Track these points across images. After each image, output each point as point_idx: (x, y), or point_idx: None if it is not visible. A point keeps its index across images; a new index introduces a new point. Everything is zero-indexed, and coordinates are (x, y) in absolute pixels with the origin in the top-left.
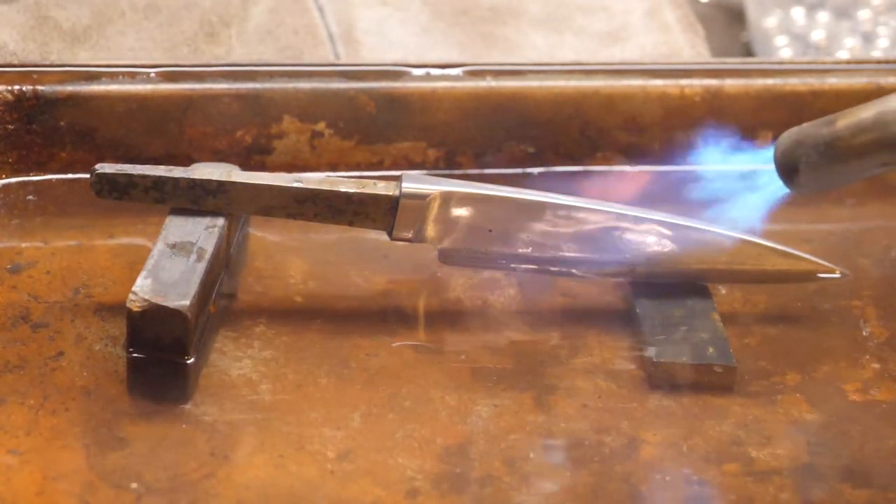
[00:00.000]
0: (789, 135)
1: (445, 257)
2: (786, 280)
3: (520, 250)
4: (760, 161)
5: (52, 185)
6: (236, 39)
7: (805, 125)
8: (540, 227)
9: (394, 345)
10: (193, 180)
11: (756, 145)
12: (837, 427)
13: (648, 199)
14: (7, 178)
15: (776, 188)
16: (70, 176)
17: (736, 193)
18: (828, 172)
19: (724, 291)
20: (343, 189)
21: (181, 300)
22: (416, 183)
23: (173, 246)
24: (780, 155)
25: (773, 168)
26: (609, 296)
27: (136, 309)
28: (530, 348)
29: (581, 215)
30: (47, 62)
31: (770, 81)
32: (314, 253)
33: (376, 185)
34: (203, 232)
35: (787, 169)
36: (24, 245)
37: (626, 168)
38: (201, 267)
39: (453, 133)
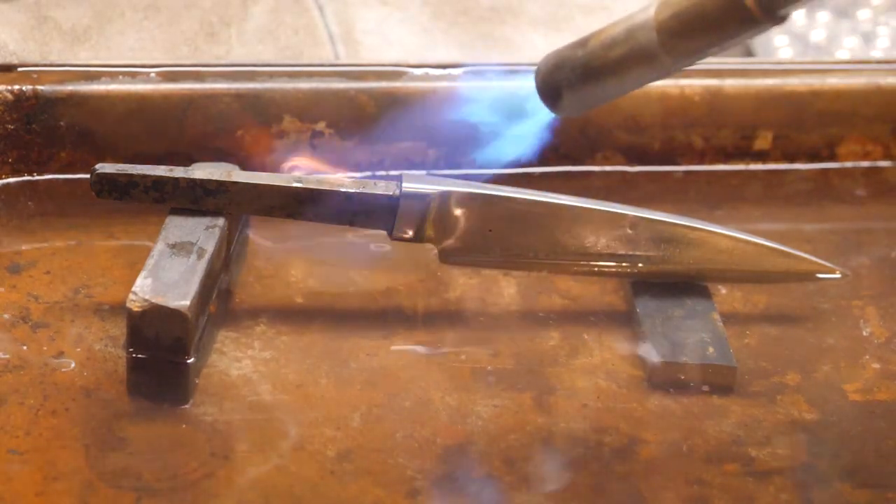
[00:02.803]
0: (547, 60)
1: (445, 257)
2: (786, 280)
3: (520, 250)
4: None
5: (52, 185)
6: (236, 39)
7: (561, 48)
8: (540, 226)
9: (394, 345)
10: (193, 180)
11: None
12: (837, 427)
13: (648, 199)
14: (7, 178)
15: (543, 115)
16: (70, 176)
17: (504, 125)
18: (589, 92)
19: (724, 291)
20: (343, 189)
21: (181, 300)
22: (416, 183)
23: (173, 246)
24: (542, 81)
25: (536, 95)
26: (609, 296)
27: (136, 309)
28: (530, 348)
29: (581, 215)
30: (47, 62)
31: (770, 81)
32: (314, 253)
33: (376, 185)
34: (203, 232)
35: (550, 93)
36: (24, 245)
37: (626, 168)
38: (201, 267)
39: (453, 133)
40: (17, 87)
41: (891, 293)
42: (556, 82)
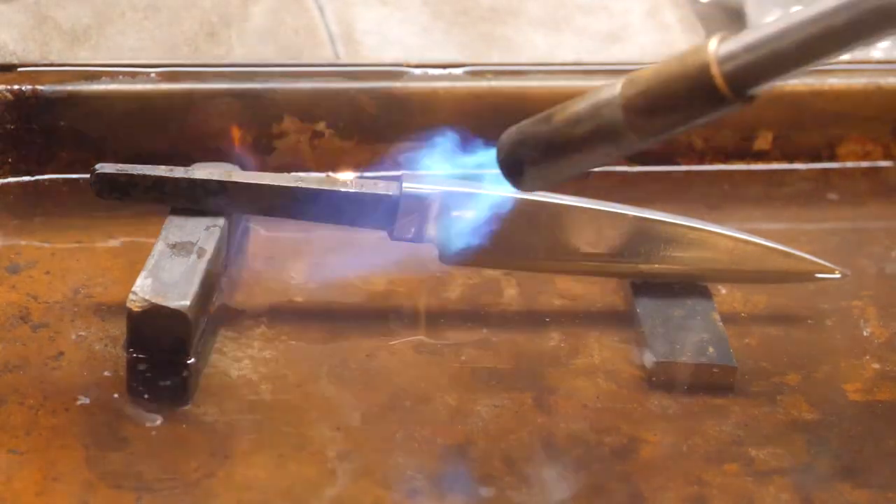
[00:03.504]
0: (509, 135)
1: (445, 257)
2: (786, 280)
3: (520, 250)
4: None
5: (52, 185)
6: (236, 39)
7: (523, 123)
8: (540, 226)
9: (394, 345)
10: (193, 180)
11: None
12: (837, 427)
13: (648, 199)
14: (7, 178)
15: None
16: (70, 176)
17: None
18: (551, 167)
19: (724, 291)
20: (343, 189)
21: (181, 300)
22: (416, 183)
23: (173, 246)
24: (504, 157)
25: (498, 170)
26: (609, 296)
27: (136, 309)
28: (530, 348)
29: (581, 215)
30: (47, 62)
31: None
32: (314, 253)
33: (376, 185)
34: (203, 232)
35: (512, 169)
36: (24, 245)
37: (626, 168)
38: (201, 267)
39: (453, 133)
40: (17, 87)
41: (891, 293)
42: (518, 158)
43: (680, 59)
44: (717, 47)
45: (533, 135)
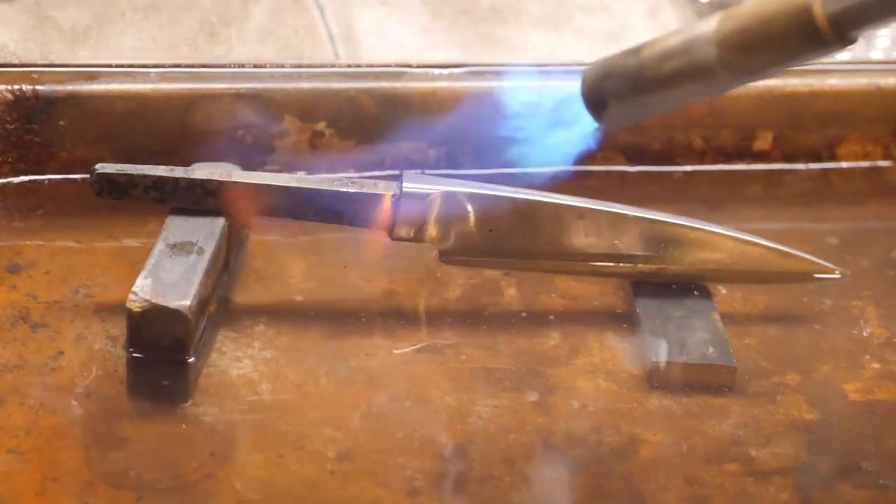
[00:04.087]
0: (594, 68)
1: (445, 257)
2: (786, 280)
3: (520, 250)
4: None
5: (52, 185)
6: (236, 39)
7: (610, 56)
8: (540, 226)
9: (394, 345)
10: (193, 180)
11: None
12: (837, 427)
13: (648, 199)
14: (7, 178)
15: (586, 123)
16: (70, 176)
17: (545, 131)
18: (637, 103)
19: (724, 291)
20: (343, 189)
21: (181, 300)
22: (416, 183)
23: (173, 246)
24: (588, 89)
25: (581, 103)
26: (609, 296)
27: (136, 309)
28: (530, 348)
29: (581, 215)
30: (47, 62)
31: (770, 81)
32: (314, 253)
33: (376, 185)
34: (203, 232)
35: (596, 103)
36: (24, 245)
37: (626, 168)
38: (201, 267)
39: (453, 133)
40: (17, 87)
41: (891, 293)
42: (602, 91)
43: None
44: None
45: (619, 67)
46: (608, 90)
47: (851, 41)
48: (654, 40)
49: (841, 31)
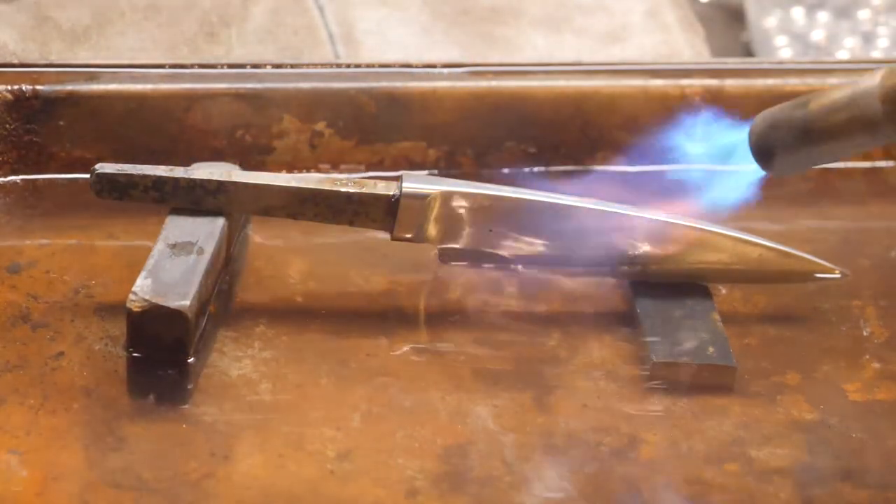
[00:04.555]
0: (763, 118)
1: (446, 257)
2: (786, 280)
3: (520, 250)
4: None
5: (52, 185)
6: (236, 39)
7: (777, 108)
8: (540, 226)
9: (394, 345)
10: (193, 180)
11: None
12: (837, 427)
13: (648, 198)
14: (7, 177)
15: (754, 171)
16: (70, 176)
17: (714, 178)
18: (804, 154)
19: (724, 291)
20: (343, 189)
21: (181, 300)
22: (416, 183)
23: (173, 246)
24: (756, 140)
25: (750, 152)
26: (609, 296)
27: (136, 309)
28: (530, 348)
29: (581, 215)
30: (47, 62)
31: (770, 81)
32: (314, 253)
33: (376, 185)
34: (203, 232)
35: (764, 153)
36: (24, 245)
37: (627, 168)
38: (201, 267)
39: (453, 133)
40: (17, 87)
41: (891, 293)
42: (771, 142)
43: None
44: None
45: (787, 120)
46: (776, 142)
47: None
48: (819, 93)
49: None
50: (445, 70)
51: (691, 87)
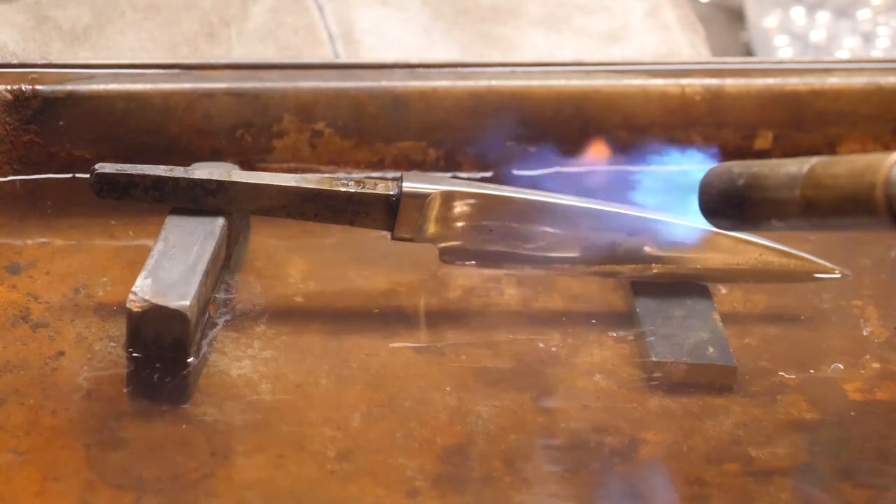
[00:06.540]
0: (705, 183)
1: (446, 257)
2: (786, 280)
3: (520, 250)
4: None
5: (52, 185)
6: (236, 39)
7: (722, 170)
8: (540, 226)
9: (394, 345)
10: (193, 180)
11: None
12: (837, 427)
13: (648, 198)
14: (7, 177)
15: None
16: (70, 176)
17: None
18: (743, 225)
19: (724, 291)
20: (343, 189)
21: (181, 300)
22: (416, 182)
23: (173, 246)
24: (703, 202)
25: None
26: (609, 296)
27: (136, 309)
28: (530, 348)
29: (581, 215)
30: (47, 62)
31: (770, 81)
32: (314, 253)
33: (376, 185)
34: (203, 232)
35: (709, 214)
36: (24, 245)
37: (627, 168)
38: (201, 267)
39: (453, 133)
40: (17, 87)
41: (891, 293)
42: (714, 207)
43: (860, 168)
44: (892, 169)
45: (726, 193)
46: (718, 210)
47: None
48: (757, 165)
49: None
50: (445, 70)
51: (691, 87)
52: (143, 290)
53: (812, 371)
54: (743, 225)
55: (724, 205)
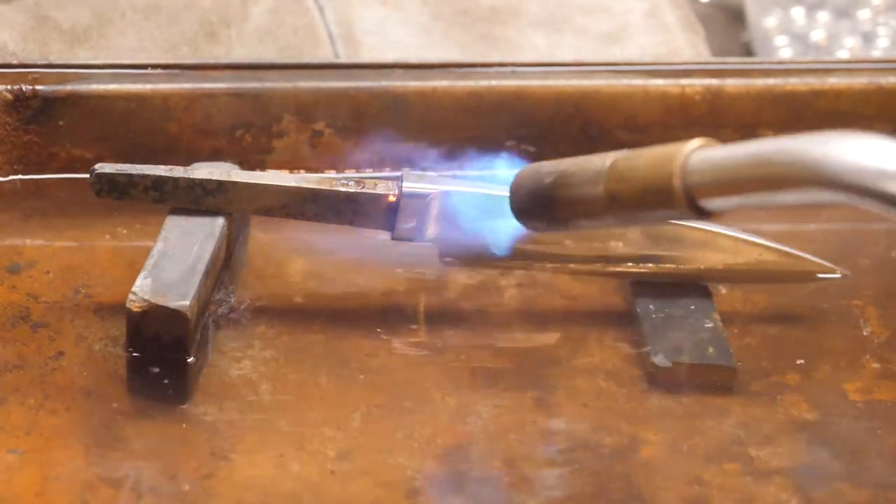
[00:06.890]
0: (516, 183)
1: (445, 257)
2: (786, 280)
3: (520, 249)
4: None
5: (52, 185)
6: (236, 39)
7: (531, 171)
8: None
9: (394, 345)
10: (193, 180)
11: None
12: (837, 427)
13: None
14: (7, 177)
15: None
16: (70, 176)
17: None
18: (553, 225)
19: (724, 291)
20: (343, 189)
21: (181, 300)
22: (416, 182)
23: (173, 246)
24: (514, 203)
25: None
26: (609, 296)
27: (136, 309)
28: (530, 348)
29: None
30: (47, 62)
31: (770, 81)
32: (314, 253)
33: (376, 185)
34: (203, 232)
35: (520, 215)
36: (24, 245)
37: None
38: (201, 267)
39: (453, 133)
40: (17, 87)
41: (891, 293)
42: (524, 207)
43: (658, 159)
44: (688, 157)
45: (534, 191)
46: (529, 211)
47: (709, 214)
48: (565, 163)
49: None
50: (445, 70)
51: (692, 87)
52: (143, 289)
53: (812, 371)
54: (553, 225)
55: (534, 205)
